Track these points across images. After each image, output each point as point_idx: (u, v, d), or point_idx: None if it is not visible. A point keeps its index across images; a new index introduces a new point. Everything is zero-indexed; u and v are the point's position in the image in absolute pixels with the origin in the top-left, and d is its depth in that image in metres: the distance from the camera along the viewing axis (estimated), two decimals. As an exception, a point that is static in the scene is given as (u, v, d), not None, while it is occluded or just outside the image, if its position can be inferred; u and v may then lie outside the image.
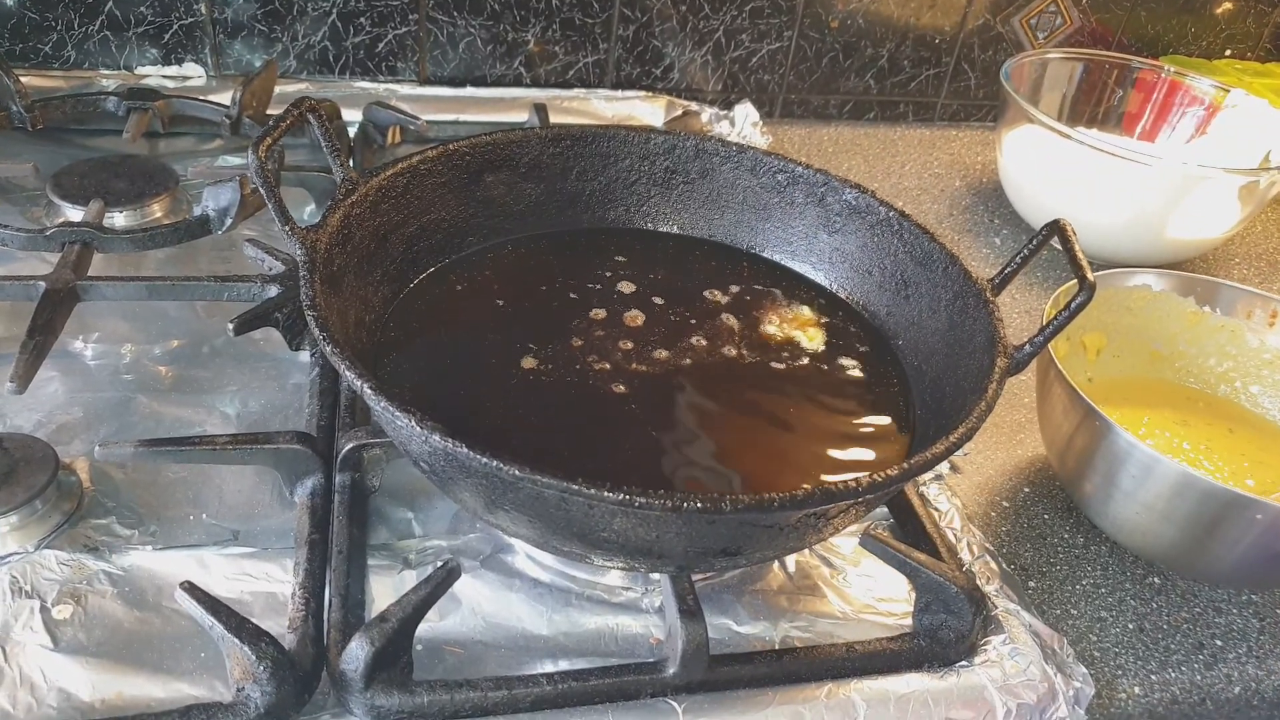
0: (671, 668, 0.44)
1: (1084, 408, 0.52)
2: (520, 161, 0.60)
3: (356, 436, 0.51)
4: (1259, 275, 0.88)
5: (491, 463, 0.36)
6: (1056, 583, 0.55)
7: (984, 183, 0.95)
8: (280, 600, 0.47)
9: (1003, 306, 0.78)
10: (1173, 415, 0.62)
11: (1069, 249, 0.48)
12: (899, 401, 0.54)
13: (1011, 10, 1.00)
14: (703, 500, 0.36)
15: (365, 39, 0.89)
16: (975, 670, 0.47)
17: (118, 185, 0.71)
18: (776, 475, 0.48)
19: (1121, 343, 0.65)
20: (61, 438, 0.54)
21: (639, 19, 0.92)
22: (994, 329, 0.48)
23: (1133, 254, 0.80)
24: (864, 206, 0.58)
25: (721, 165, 0.62)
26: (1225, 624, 0.54)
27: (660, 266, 0.61)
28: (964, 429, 0.41)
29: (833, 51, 0.99)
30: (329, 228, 0.48)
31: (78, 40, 0.84)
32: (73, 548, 0.48)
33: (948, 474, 0.60)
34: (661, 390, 0.52)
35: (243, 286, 0.61)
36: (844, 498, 0.37)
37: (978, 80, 1.04)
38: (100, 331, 0.62)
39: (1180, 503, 0.51)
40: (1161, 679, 0.51)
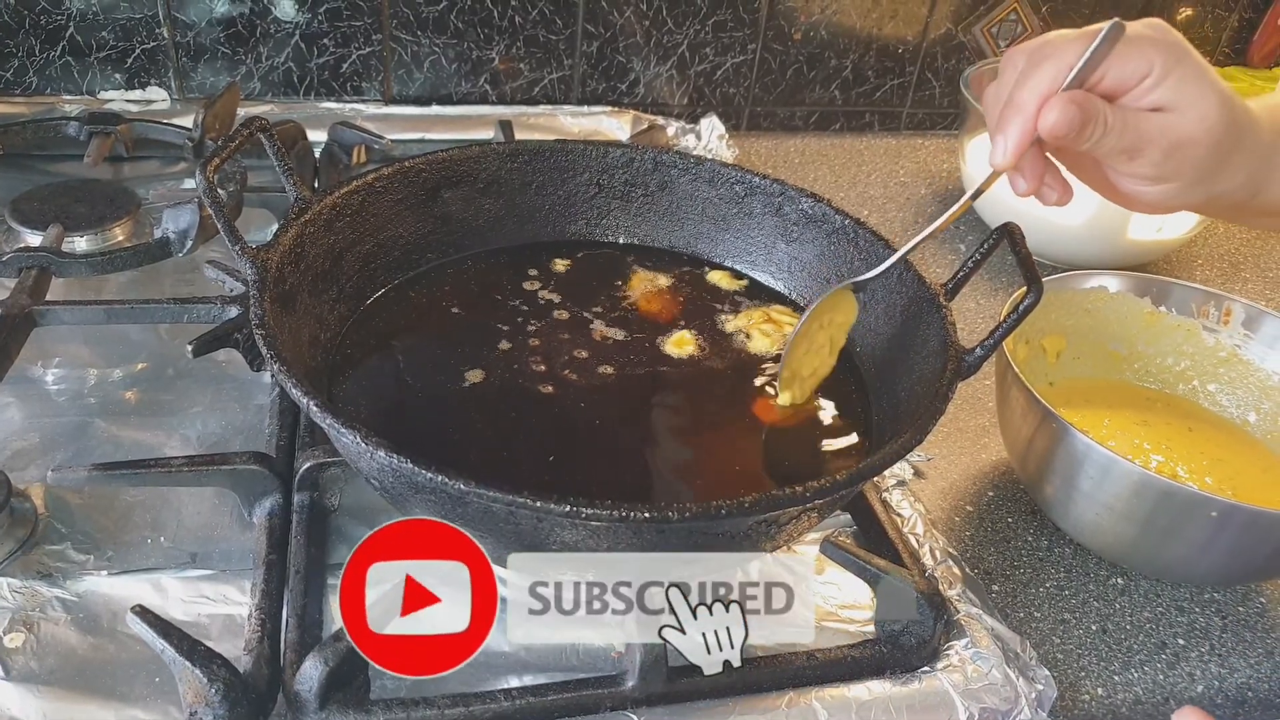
0: (630, 680, 0.44)
1: (1041, 411, 0.53)
2: (478, 177, 0.60)
3: (314, 456, 0.51)
4: (1221, 276, 0.89)
5: (437, 478, 0.36)
6: (1020, 586, 0.55)
7: (949, 189, 0.96)
8: (238, 622, 0.47)
9: (968, 312, 0.79)
10: (1133, 416, 0.63)
11: (1018, 252, 0.49)
12: (857, 407, 0.54)
13: (973, 19, 1.02)
14: (650, 510, 0.36)
15: (329, 60, 0.89)
16: (937, 675, 0.47)
17: (78, 210, 0.71)
18: (732, 483, 0.48)
19: (1081, 345, 0.65)
20: (16, 464, 0.54)
21: (603, 35, 0.93)
22: (946, 333, 0.48)
23: (1095, 257, 0.81)
24: (820, 215, 0.59)
25: (680, 178, 0.62)
26: (1188, 623, 0.55)
27: (619, 278, 0.61)
28: (912, 433, 0.41)
29: (797, 63, 0.99)
30: (281, 246, 0.48)
31: (39, 66, 0.84)
32: (26, 574, 0.48)
33: (911, 479, 0.60)
34: (618, 402, 0.52)
35: (202, 308, 0.61)
36: (791, 503, 0.38)
37: (941, 89, 1.05)
38: (61, 356, 0.62)
39: (1139, 503, 0.51)
40: (1124, 679, 0.51)
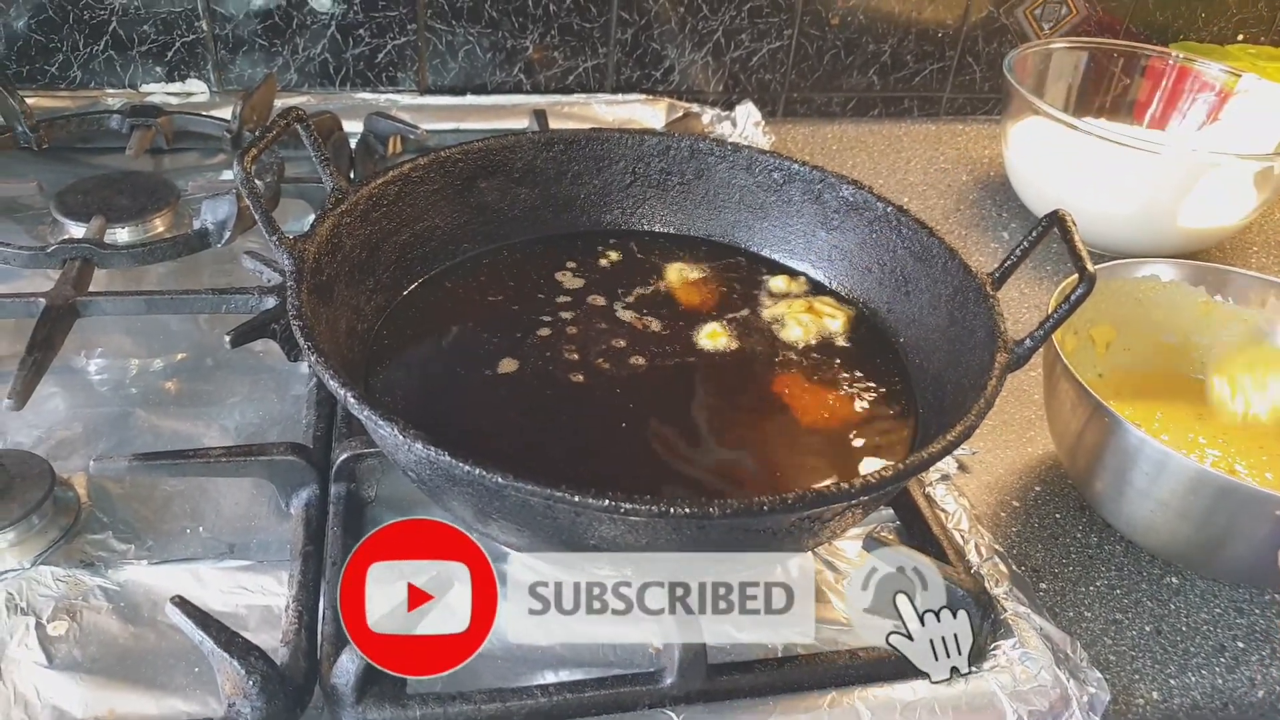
0: (669, 678, 0.43)
1: (1092, 404, 0.51)
2: (514, 167, 0.60)
3: (351, 447, 0.51)
4: (1278, 263, 0.86)
5: (475, 470, 0.36)
6: (1069, 584, 0.54)
7: (991, 176, 0.93)
8: (276, 613, 0.47)
9: (1011, 302, 0.77)
10: (1187, 409, 0.61)
11: (1068, 240, 0.47)
12: (902, 400, 0.52)
13: (1015, 1, 0.99)
14: (690, 506, 0.35)
15: (365, 50, 0.89)
16: (984, 676, 0.46)
17: (120, 201, 0.71)
18: (775, 477, 0.47)
19: (1131, 335, 0.63)
20: (60, 453, 0.54)
21: (637, 22, 0.92)
22: (994, 324, 0.46)
23: (1145, 245, 0.78)
24: (861, 203, 0.57)
25: (717, 165, 0.61)
26: (1247, 625, 0.53)
27: (656, 268, 0.60)
28: (962, 427, 0.40)
29: (834, 49, 0.98)
30: (318, 237, 0.48)
31: (83, 61, 0.85)
32: (69, 563, 0.48)
33: (955, 474, 0.59)
34: (658, 393, 0.51)
35: (240, 298, 0.61)
36: (835, 500, 0.36)
37: (983, 73, 1.03)
38: (103, 347, 0.63)
39: (1196, 500, 0.49)
40: (1181, 683, 0.49)
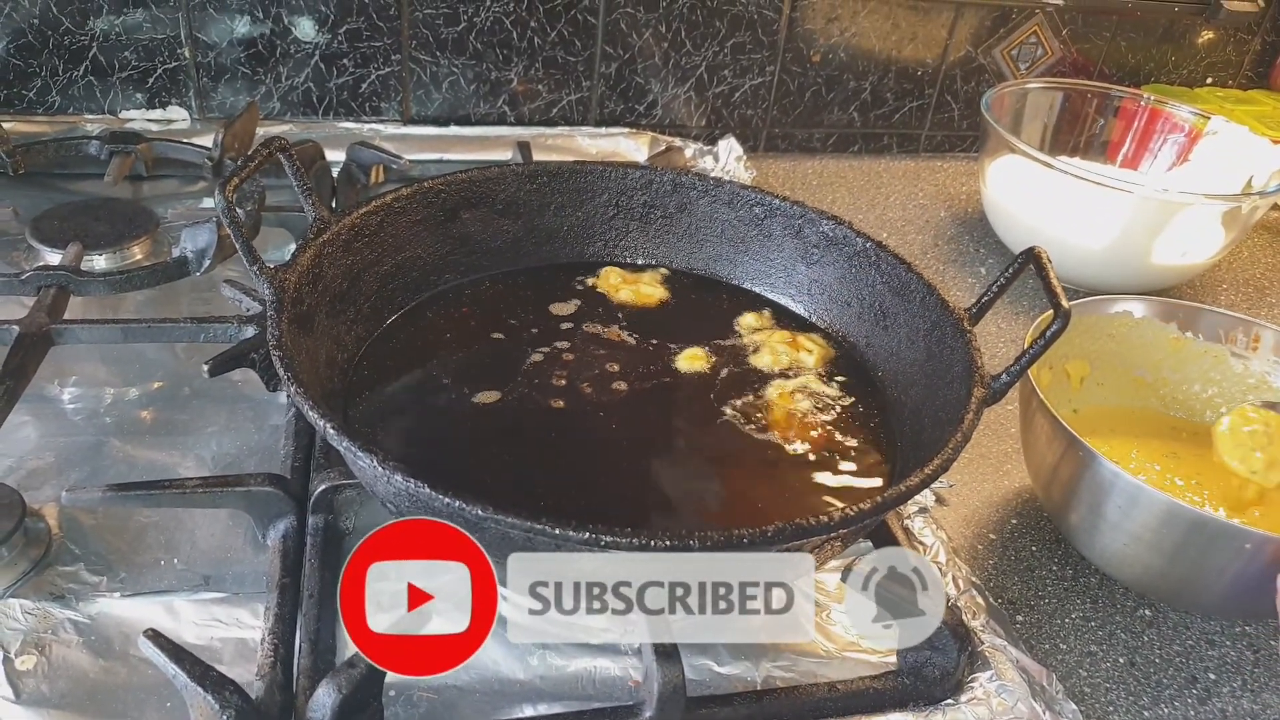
0: (648, 711, 0.43)
1: (1066, 438, 0.52)
2: (497, 198, 0.60)
3: (330, 478, 0.51)
4: (1247, 300, 0.88)
5: (455, 502, 0.36)
6: (1045, 616, 0.54)
7: (969, 213, 0.95)
8: (251, 646, 0.46)
9: (988, 336, 0.78)
10: (1161, 447, 0.62)
11: (1044, 276, 0.48)
12: (880, 433, 0.53)
13: (993, 42, 1.01)
14: (670, 537, 0.35)
15: (349, 80, 0.90)
16: (961, 708, 0.46)
17: (97, 228, 0.71)
18: (752, 509, 0.47)
19: (1105, 370, 0.64)
20: (31, 483, 0.53)
21: (621, 56, 0.93)
22: (971, 358, 0.47)
23: (1118, 281, 0.80)
24: (841, 238, 0.58)
25: (699, 199, 0.62)
26: (1219, 656, 0.53)
27: (637, 299, 0.61)
28: (939, 461, 0.40)
29: (815, 85, 0.99)
30: (299, 267, 0.48)
31: (62, 86, 0.85)
32: (38, 596, 0.47)
33: (933, 506, 0.59)
34: (634, 421, 0.52)
35: (219, 327, 0.61)
36: (814, 533, 0.37)
37: (961, 111, 1.05)
38: (78, 375, 0.62)
39: (1168, 533, 0.50)
40: (1154, 715, 0.50)
